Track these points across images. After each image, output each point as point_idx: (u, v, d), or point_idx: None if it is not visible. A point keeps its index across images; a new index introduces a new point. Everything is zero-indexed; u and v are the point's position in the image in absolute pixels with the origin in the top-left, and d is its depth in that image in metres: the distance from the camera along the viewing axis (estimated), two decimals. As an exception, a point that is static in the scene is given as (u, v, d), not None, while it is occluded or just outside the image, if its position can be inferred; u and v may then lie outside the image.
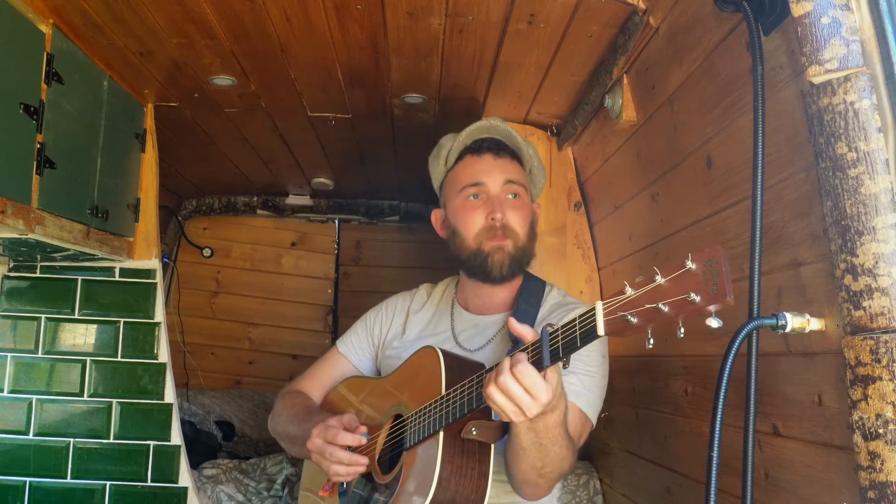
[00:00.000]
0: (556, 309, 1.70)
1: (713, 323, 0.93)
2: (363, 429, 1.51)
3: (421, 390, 1.47)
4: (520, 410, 1.18)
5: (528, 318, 1.66)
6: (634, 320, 1.00)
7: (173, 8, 1.70)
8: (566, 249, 2.42)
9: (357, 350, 1.87)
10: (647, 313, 0.99)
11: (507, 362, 1.17)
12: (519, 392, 1.16)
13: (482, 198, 1.69)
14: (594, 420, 1.57)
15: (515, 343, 1.55)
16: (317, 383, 1.87)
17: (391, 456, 1.53)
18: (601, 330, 1.05)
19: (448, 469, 1.34)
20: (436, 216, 1.83)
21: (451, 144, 1.77)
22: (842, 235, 0.98)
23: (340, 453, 1.47)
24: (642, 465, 2.00)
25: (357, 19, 1.76)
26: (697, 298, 0.92)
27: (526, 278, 1.75)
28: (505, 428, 1.36)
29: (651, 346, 1.00)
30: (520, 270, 1.71)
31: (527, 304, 1.69)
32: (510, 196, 1.69)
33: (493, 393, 1.18)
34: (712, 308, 0.92)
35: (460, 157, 1.75)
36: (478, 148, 1.73)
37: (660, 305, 0.96)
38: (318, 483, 1.74)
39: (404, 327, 1.83)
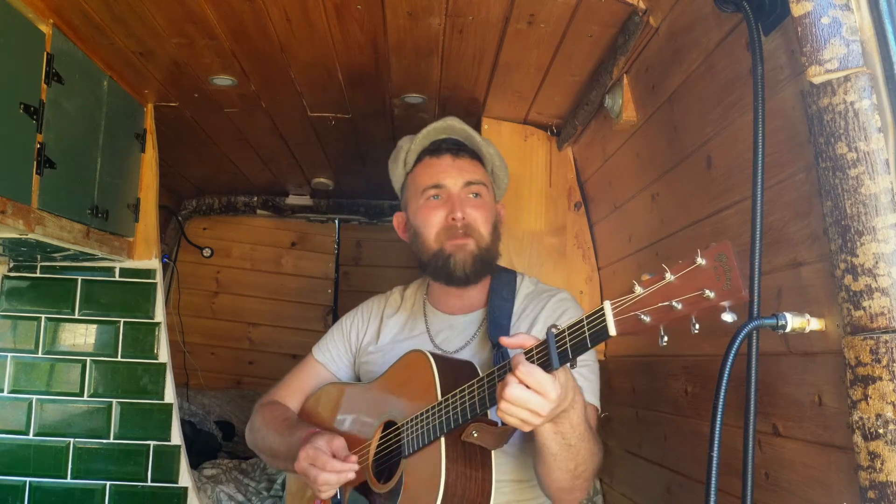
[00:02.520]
0: (533, 298, 1.68)
1: (728, 317, 0.93)
2: (353, 458, 1.47)
3: (414, 396, 1.44)
4: (533, 413, 1.16)
5: (504, 312, 1.63)
6: (647, 319, 1.00)
7: (173, 8, 1.70)
8: (566, 249, 2.42)
9: (335, 357, 1.82)
10: (659, 311, 0.99)
11: (510, 374, 1.16)
12: (527, 395, 1.14)
13: (443, 198, 1.66)
14: (599, 405, 1.58)
15: (496, 342, 1.54)
16: (295, 393, 1.82)
17: (386, 464, 1.50)
18: (612, 330, 1.05)
19: (453, 475, 1.32)
20: (398, 220, 1.80)
21: (408, 146, 1.75)
22: (842, 235, 0.98)
23: (330, 476, 1.44)
24: (642, 465, 2.00)
25: (357, 19, 1.76)
26: (712, 294, 0.93)
27: (495, 273, 1.72)
28: (506, 434, 1.35)
29: (665, 343, 1.00)
30: (485, 271, 1.67)
31: (500, 299, 1.66)
32: (471, 196, 1.67)
33: (505, 407, 1.16)
34: (726, 303, 0.92)
35: (419, 159, 1.73)
36: (436, 149, 1.71)
37: (673, 303, 0.96)
38: (303, 498, 1.71)
39: (378, 332, 1.78)
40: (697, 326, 0.96)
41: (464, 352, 1.65)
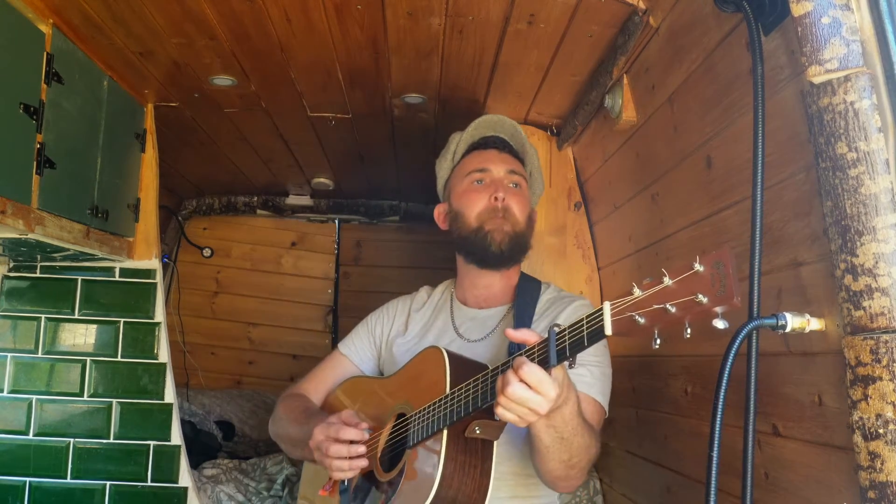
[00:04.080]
0: (554, 303, 1.74)
1: (719, 324, 0.93)
2: (364, 424, 1.52)
3: (425, 389, 1.48)
4: (531, 411, 1.19)
5: (527, 312, 1.70)
6: (642, 321, 1.01)
7: (173, 8, 1.70)
8: (566, 249, 2.42)
9: (359, 350, 1.89)
10: (654, 314, 1.00)
11: (510, 371, 1.18)
12: (527, 394, 1.17)
13: (486, 182, 1.77)
14: (606, 407, 1.61)
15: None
16: (319, 385, 1.89)
17: (394, 454, 1.53)
18: (609, 330, 1.06)
19: (451, 467, 1.34)
20: (438, 210, 1.90)
21: (458, 138, 1.86)
22: (842, 235, 0.98)
23: (341, 448, 1.48)
24: (642, 465, 2.00)
25: (357, 19, 1.76)
26: (704, 300, 0.93)
27: (523, 278, 1.81)
28: (504, 424, 1.36)
29: (658, 346, 1.00)
30: (518, 254, 1.77)
31: (525, 298, 1.73)
32: (512, 185, 1.78)
33: (505, 403, 1.19)
34: (719, 309, 0.93)
35: (467, 153, 1.84)
36: (484, 144, 1.83)
37: (667, 306, 0.97)
38: (316, 486, 1.73)
39: (406, 325, 1.86)
40: (690, 331, 0.96)
41: (484, 342, 1.71)
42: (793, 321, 1.03)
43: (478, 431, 1.34)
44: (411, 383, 1.58)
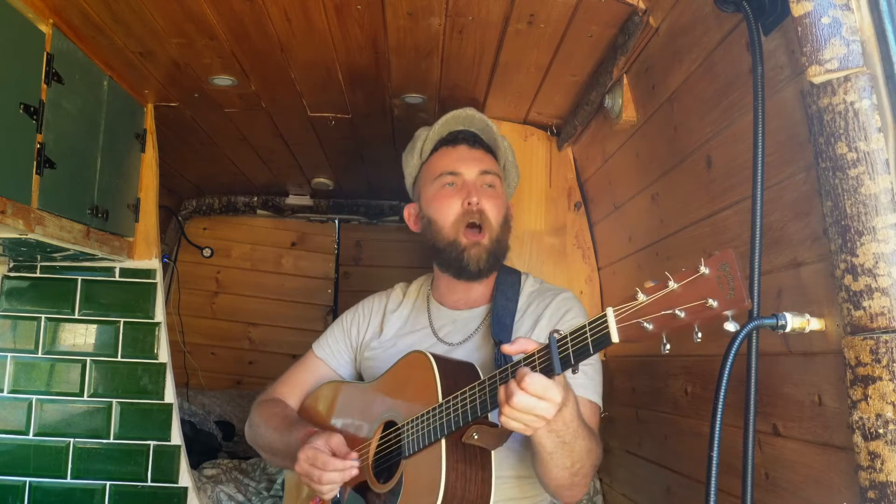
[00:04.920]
0: (536, 297, 1.69)
1: (730, 326, 0.93)
2: (354, 455, 1.47)
3: (414, 397, 1.45)
4: (538, 418, 1.18)
5: (508, 313, 1.65)
6: (650, 327, 1.00)
7: (173, 8, 1.70)
8: (566, 249, 2.42)
9: (335, 353, 1.83)
10: (662, 319, 0.98)
11: (513, 383, 1.17)
12: (533, 401, 1.15)
13: (457, 185, 1.68)
14: (601, 404, 1.59)
15: (498, 341, 1.55)
16: (294, 389, 1.82)
17: (387, 464, 1.50)
18: (615, 337, 1.05)
19: (453, 476, 1.32)
20: (408, 211, 1.82)
21: (426, 135, 1.77)
22: (842, 235, 0.98)
23: (334, 475, 1.44)
24: (642, 465, 2.00)
25: (357, 19, 1.76)
26: (715, 304, 0.92)
27: (501, 272, 1.74)
28: (505, 434, 1.35)
29: (668, 350, 1.00)
30: (496, 265, 1.69)
31: (505, 298, 1.67)
32: (486, 186, 1.69)
33: (510, 413, 1.18)
34: (729, 313, 0.92)
35: (435, 149, 1.75)
36: (453, 139, 1.73)
37: (676, 311, 0.96)
38: (303, 490, 1.71)
39: (381, 326, 1.79)
40: (700, 335, 0.96)
41: (465, 345, 1.65)
42: (793, 321, 1.03)
43: (475, 437, 1.33)
44: (397, 389, 1.53)
